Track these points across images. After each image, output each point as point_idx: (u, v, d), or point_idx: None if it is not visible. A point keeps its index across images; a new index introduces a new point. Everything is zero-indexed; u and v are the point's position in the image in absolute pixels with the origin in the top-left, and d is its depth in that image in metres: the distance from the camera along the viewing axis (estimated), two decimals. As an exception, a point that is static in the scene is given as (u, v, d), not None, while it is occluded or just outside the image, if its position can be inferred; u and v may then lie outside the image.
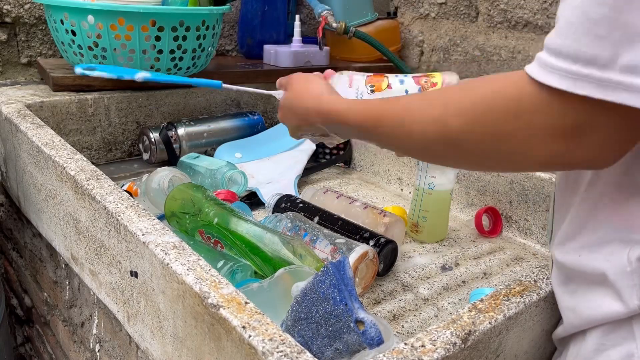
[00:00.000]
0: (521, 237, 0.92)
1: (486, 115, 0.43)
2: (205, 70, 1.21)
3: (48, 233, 0.89)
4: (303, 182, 1.09)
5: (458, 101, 0.46)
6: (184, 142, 1.10)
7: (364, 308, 0.52)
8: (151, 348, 0.63)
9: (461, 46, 1.45)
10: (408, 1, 1.55)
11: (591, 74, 0.37)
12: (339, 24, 1.32)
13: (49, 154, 0.79)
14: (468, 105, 0.45)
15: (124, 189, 0.87)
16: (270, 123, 1.32)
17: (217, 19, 1.13)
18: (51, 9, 1.03)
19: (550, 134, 0.40)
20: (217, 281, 0.52)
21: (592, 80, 0.37)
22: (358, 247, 0.71)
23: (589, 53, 0.37)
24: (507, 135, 0.42)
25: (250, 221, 0.74)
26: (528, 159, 0.43)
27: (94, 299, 0.81)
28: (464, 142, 0.45)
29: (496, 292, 0.57)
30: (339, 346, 0.51)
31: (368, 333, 0.50)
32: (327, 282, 0.52)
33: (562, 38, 0.39)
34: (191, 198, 0.78)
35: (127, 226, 0.62)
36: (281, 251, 0.69)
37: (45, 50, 1.25)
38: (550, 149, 0.41)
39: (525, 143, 0.42)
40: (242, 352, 0.46)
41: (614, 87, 0.37)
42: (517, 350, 0.58)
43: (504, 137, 0.43)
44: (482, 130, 0.44)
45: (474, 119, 0.44)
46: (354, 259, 0.70)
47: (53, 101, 1.04)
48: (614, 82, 0.37)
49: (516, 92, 0.42)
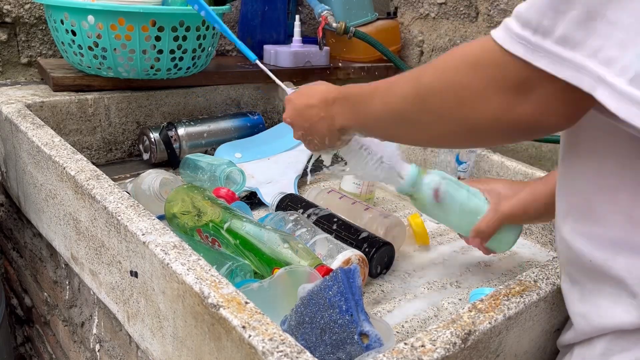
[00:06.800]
0: (521, 237, 0.92)
1: (451, 69, 0.49)
2: (205, 70, 1.21)
3: (48, 233, 0.89)
4: (303, 182, 1.09)
5: (434, 62, 0.52)
6: (184, 142, 1.10)
7: (369, 320, 0.52)
8: (151, 348, 0.63)
9: (461, 46, 1.45)
10: (408, 1, 1.55)
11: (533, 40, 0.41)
12: (339, 24, 1.32)
13: (49, 154, 0.79)
14: (440, 63, 0.51)
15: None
16: (270, 123, 1.32)
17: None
18: (51, 9, 1.03)
19: (501, 85, 0.45)
20: (217, 281, 0.52)
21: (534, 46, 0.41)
22: (341, 254, 0.71)
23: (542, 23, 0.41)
24: (466, 84, 0.47)
25: (248, 219, 0.74)
26: (482, 112, 0.47)
27: (94, 298, 0.81)
28: (431, 95, 0.51)
29: (496, 292, 0.57)
30: (341, 356, 0.51)
31: (372, 347, 0.50)
32: (335, 289, 0.52)
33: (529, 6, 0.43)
34: (191, 198, 0.79)
35: (127, 226, 0.62)
36: (279, 249, 0.69)
37: (45, 50, 1.26)
38: (501, 101, 0.45)
39: (479, 93, 0.46)
40: (242, 352, 0.46)
41: (545, 56, 0.41)
42: (517, 350, 0.58)
43: (463, 87, 0.47)
44: (446, 81, 0.49)
45: (441, 73, 0.50)
46: (336, 266, 0.70)
47: (53, 101, 1.04)
48: (546, 50, 0.41)
49: (479, 49, 0.46)
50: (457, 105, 0.48)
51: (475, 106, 0.47)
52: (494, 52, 0.44)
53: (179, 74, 1.12)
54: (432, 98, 0.51)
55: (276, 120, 1.35)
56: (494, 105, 0.45)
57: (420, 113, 0.53)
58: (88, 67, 1.07)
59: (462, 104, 0.48)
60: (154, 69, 1.07)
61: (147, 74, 1.08)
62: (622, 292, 0.48)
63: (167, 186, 0.87)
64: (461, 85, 0.47)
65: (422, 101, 0.52)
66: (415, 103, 0.53)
